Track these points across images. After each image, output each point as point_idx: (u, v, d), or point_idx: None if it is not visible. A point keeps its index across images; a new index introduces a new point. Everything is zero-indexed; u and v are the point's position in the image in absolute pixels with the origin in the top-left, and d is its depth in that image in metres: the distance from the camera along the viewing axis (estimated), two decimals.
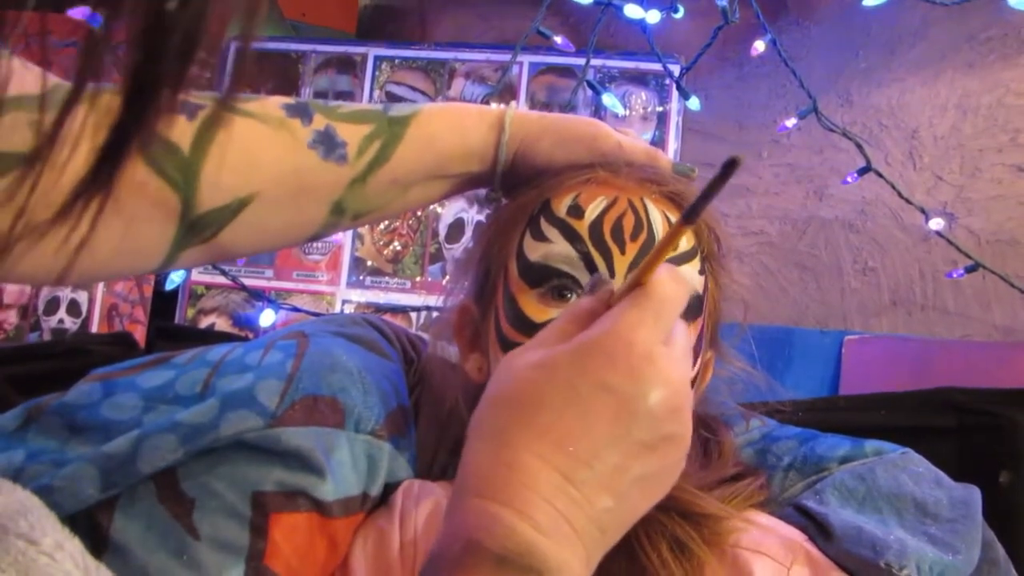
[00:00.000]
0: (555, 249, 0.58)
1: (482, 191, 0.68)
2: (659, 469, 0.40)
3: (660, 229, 0.58)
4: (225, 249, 0.58)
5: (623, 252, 0.57)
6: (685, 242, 0.59)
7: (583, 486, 0.38)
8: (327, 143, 0.58)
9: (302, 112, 0.59)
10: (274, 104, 0.58)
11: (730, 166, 0.38)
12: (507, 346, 0.59)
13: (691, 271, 0.59)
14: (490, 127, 0.65)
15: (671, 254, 0.58)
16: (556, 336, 0.43)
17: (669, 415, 0.40)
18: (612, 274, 0.57)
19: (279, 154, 0.57)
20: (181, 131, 0.51)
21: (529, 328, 0.58)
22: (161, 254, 0.54)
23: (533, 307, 0.58)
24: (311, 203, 0.59)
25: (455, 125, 0.64)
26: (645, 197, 0.59)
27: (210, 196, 0.53)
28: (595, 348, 0.40)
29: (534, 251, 0.59)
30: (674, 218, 0.59)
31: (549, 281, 0.58)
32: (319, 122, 0.59)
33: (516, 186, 0.65)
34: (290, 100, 0.59)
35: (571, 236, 0.58)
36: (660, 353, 0.40)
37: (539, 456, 0.38)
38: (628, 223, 0.58)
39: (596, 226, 0.58)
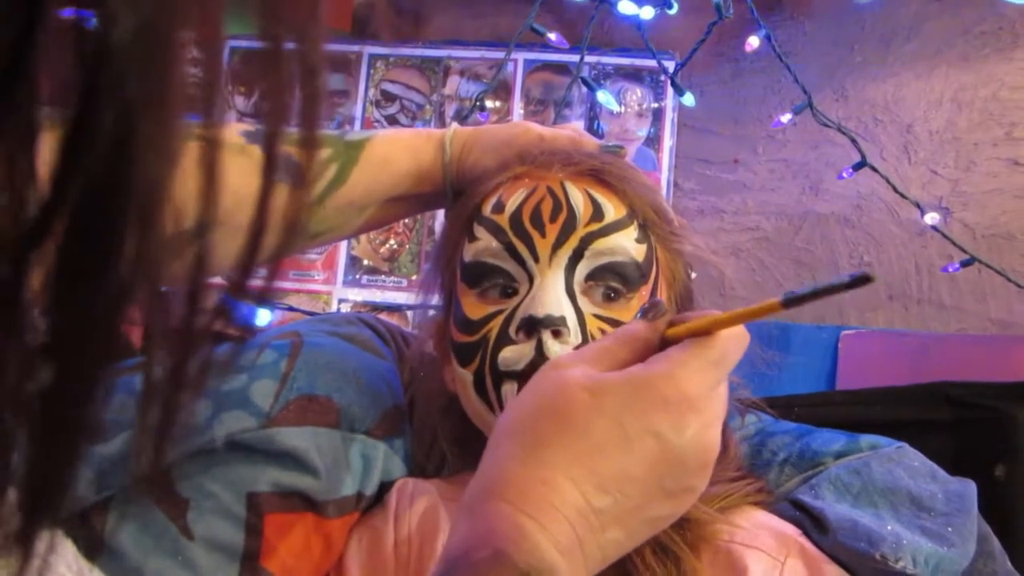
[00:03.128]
0: (481, 245, 0.60)
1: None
2: (670, 513, 0.42)
3: (581, 206, 0.59)
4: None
5: (544, 235, 0.58)
6: (613, 211, 0.59)
7: (601, 515, 0.39)
8: (285, 167, 0.60)
9: (261, 138, 0.60)
10: (233, 130, 0.60)
11: (860, 281, 0.36)
12: (455, 347, 0.60)
13: (625, 239, 0.59)
14: (436, 149, 0.66)
15: (596, 227, 0.58)
16: (605, 358, 0.43)
17: (699, 470, 0.41)
18: (536, 259, 0.58)
19: (238, 179, 0.59)
20: None
21: (468, 327, 0.59)
22: None
23: (474, 307, 0.59)
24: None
25: (407, 147, 0.66)
26: (564, 180, 0.60)
27: (171, 222, 0.54)
28: (651, 389, 0.40)
29: (467, 252, 0.61)
30: (596, 193, 0.60)
31: (482, 278, 0.59)
32: None
33: None
34: (249, 127, 0.61)
35: (495, 230, 0.59)
36: (708, 409, 0.40)
37: (572, 480, 0.38)
38: (546, 207, 0.59)
39: (516, 216, 0.59)
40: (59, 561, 0.42)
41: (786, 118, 1.40)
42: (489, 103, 1.67)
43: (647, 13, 1.35)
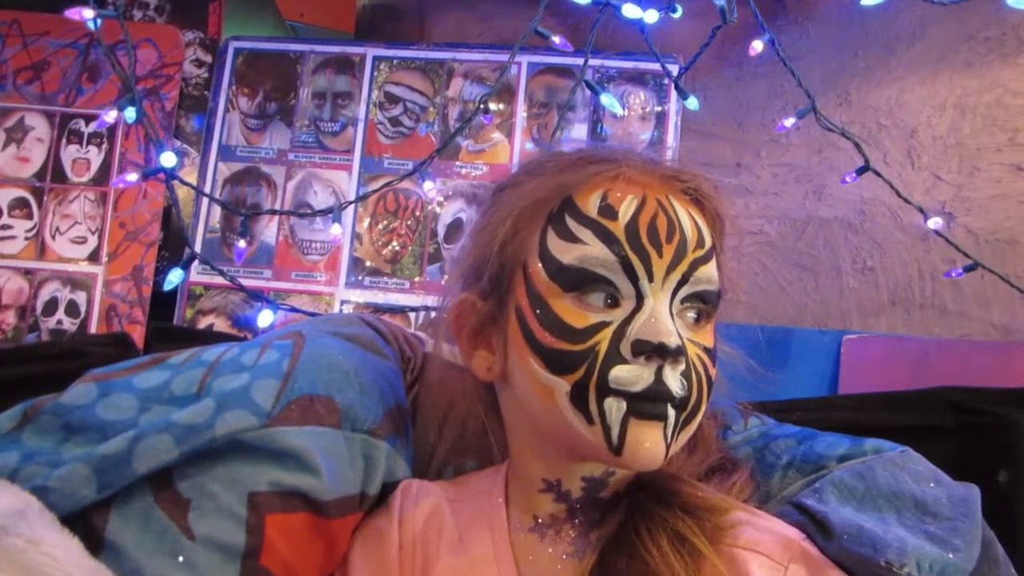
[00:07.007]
0: (591, 252, 0.56)
1: (479, 188, 0.68)
2: None
3: (689, 229, 0.57)
4: None
5: (660, 255, 0.56)
6: (708, 238, 0.59)
7: None
8: None
9: None
10: None
11: None
12: (542, 352, 0.56)
13: (713, 268, 0.59)
14: None
15: (700, 254, 0.57)
16: None
17: None
18: (650, 278, 0.55)
19: None
20: None
21: (571, 335, 0.55)
22: None
23: (572, 313, 0.55)
24: None
25: None
26: (670, 195, 0.59)
27: None
28: None
29: (566, 252, 0.57)
30: (696, 216, 0.59)
31: (585, 285, 0.56)
32: None
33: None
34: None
35: (607, 238, 0.56)
36: None
37: None
38: (662, 225, 0.57)
39: (632, 228, 0.56)
40: (67, 558, 0.42)
41: (789, 122, 1.40)
42: (492, 106, 1.67)
43: (651, 17, 1.35)
